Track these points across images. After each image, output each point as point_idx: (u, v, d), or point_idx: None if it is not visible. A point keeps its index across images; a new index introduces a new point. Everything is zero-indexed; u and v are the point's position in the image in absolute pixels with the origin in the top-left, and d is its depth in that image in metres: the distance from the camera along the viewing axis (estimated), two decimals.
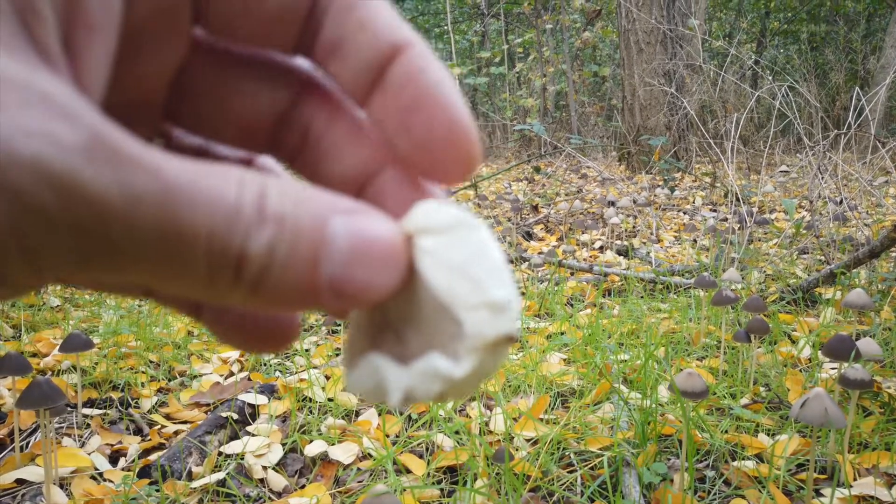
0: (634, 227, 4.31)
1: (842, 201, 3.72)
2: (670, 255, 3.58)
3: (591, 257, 3.60)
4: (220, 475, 1.36)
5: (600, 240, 3.93)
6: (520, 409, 1.61)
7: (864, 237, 3.16)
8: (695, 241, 3.84)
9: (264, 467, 1.42)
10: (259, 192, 0.19)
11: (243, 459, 1.44)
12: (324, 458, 1.46)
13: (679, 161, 5.62)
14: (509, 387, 1.78)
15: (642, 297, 2.72)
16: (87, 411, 1.67)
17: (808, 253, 3.34)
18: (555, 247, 3.81)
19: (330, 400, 1.71)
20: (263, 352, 0.26)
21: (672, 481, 1.32)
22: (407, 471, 1.40)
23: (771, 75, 7.48)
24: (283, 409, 1.69)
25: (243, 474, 1.40)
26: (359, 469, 1.41)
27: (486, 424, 1.54)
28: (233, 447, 1.48)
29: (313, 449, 1.46)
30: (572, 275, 3.11)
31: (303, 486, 1.37)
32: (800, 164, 4.93)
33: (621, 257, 3.53)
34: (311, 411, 1.67)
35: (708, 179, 5.49)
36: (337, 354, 2.06)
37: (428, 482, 1.34)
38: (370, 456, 1.46)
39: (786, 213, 4.08)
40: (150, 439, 1.57)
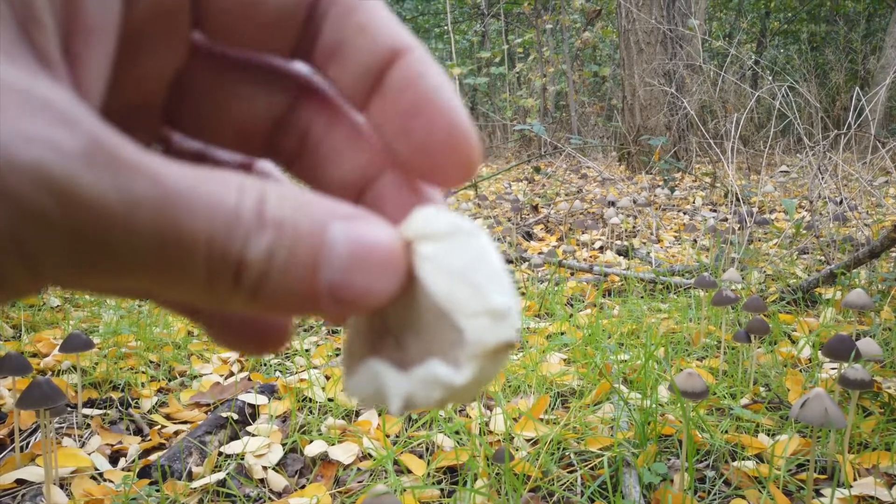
0: (634, 227, 4.31)
1: (842, 201, 3.72)
2: (670, 256, 3.58)
3: (591, 257, 3.60)
4: (221, 475, 1.36)
5: (600, 240, 3.93)
6: (520, 409, 1.61)
7: (864, 237, 3.16)
8: (695, 241, 3.84)
9: (264, 467, 1.42)
10: (258, 198, 0.19)
11: (243, 459, 1.44)
12: (324, 459, 1.46)
13: (679, 161, 5.62)
14: (509, 387, 1.78)
15: (642, 297, 2.72)
16: (88, 411, 1.67)
17: (808, 253, 3.34)
18: (555, 247, 3.81)
19: (330, 400, 1.71)
20: (256, 353, 0.26)
21: (672, 481, 1.32)
22: (407, 471, 1.40)
23: (771, 75, 7.48)
24: (283, 409, 1.69)
25: (243, 474, 1.40)
26: (359, 469, 1.41)
27: (487, 424, 1.54)
28: (233, 447, 1.48)
29: (313, 449, 1.47)
30: (572, 275, 3.11)
31: (303, 487, 1.37)
32: (800, 165, 4.93)
33: (621, 257, 3.53)
34: (311, 411, 1.67)
35: (708, 179, 5.49)
36: (337, 355, 2.06)
37: (428, 482, 1.35)
38: (370, 456, 1.46)
39: (786, 213, 4.08)
40: (150, 439, 1.57)
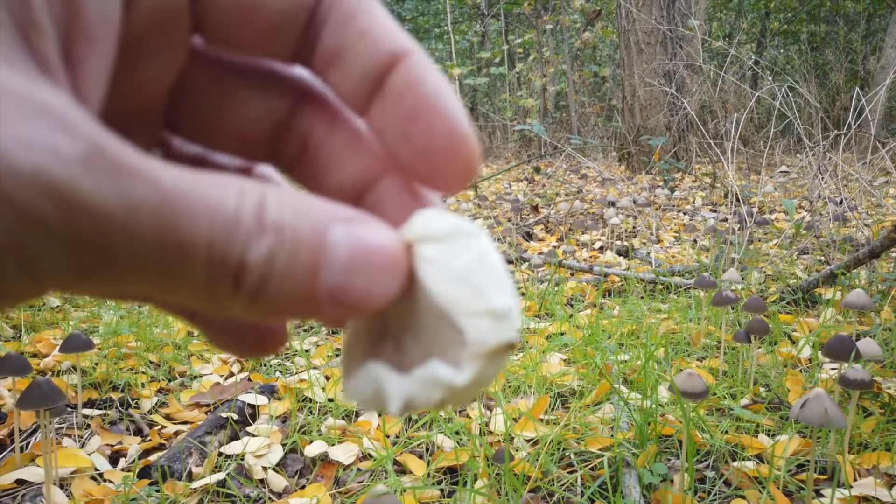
0: (634, 227, 4.31)
1: (842, 202, 3.72)
2: (670, 256, 3.58)
3: (591, 258, 3.60)
4: (221, 476, 1.36)
5: (600, 240, 3.93)
6: (520, 409, 1.61)
7: (864, 237, 3.16)
8: (695, 241, 3.84)
9: (264, 468, 1.42)
10: (258, 202, 0.19)
11: (243, 460, 1.44)
12: (324, 459, 1.46)
13: (679, 161, 5.62)
14: (509, 387, 1.78)
15: (642, 297, 2.72)
16: (88, 412, 1.67)
17: (808, 253, 3.34)
18: (555, 247, 3.81)
19: (330, 400, 1.71)
20: (254, 356, 0.26)
21: (672, 482, 1.32)
22: (407, 471, 1.40)
23: (771, 76, 7.48)
24: (283, 409, 1.69)
25: (243, 475, 1.40)
26: (359, 469, 1.41)
27: (487, 425, 1.54)
28: (233, 448, 1.48)
29: (313, 449, 1.47)
30: (572, 275, 3.11)
31: (303, 487, 1.37)
32: (800, 165, 4.93)
33: (621, 258, 3.53)
34: (311, 412, 1.67)
35: (708, 180, 5.49)
36: (337, 355, 2.06)
37: (428, 482, 1.35)
38: (370, 456, 1.46)
39: (786, 213, 4.08)
40: (150, 440, 1.57)
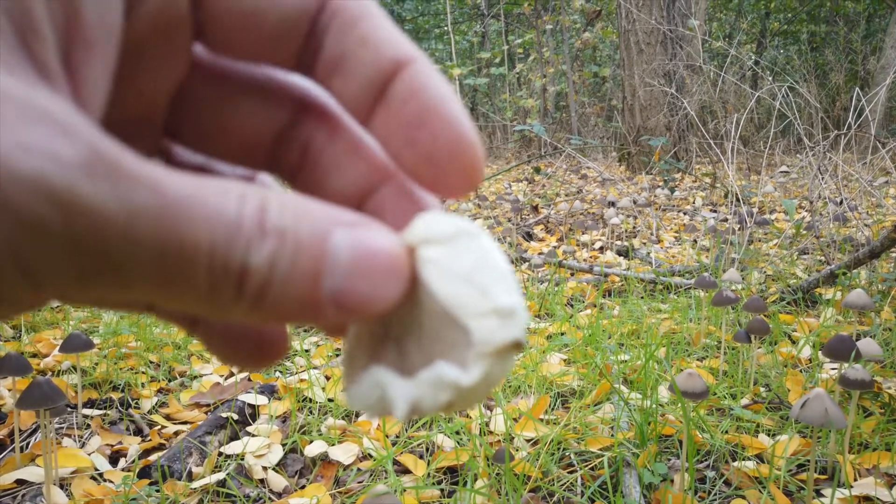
0: (634, 227, 4.31)
1: (842, 202, 3.71)
2: (670, 256, 3.58)
3: (591, 258, 3.60)
4: (221, 475, 1.36)
5: (600, 240, 3.93)
6: (520, 409, 1.61)
7: (864, 237, 3.16)
8: (695, 241, 3.84)
9: (264, 468, 1.42)
10: (259, 206, 0.18)
11: (243, 460, 1.44)
12: (324, 459, 1.46)
13: (679, 161, 5.62)
14: (509, 387, 1.78)
15: (642, 297, 2.71)
16: (88, 412, 1.67)
17: (808, 253, 3.34)
18: (555, 247, 3.81)
19: (330, 400, 1.71)
20: (254, 367, 0.26)
21: (672, 482, 1.32)
22: (407, 471, 1.40)
23: (771, 76, 7.48)
24: (283, 409, 1.69)
25: (243, 475, 1.40)
26: (359, 469, 1.41)
27: (487, 425, 1.54)
28: (233, 447, 1.48)
29: (313, 449, 1.46)
30: (572, 275, 3.11)
31: (303, 487, 1.37)
32: (800, 165, 4.93)
33: (621, 258, 3.53)
34: (311, 412, 1.67)
35: (708, 180, 5.49)
36: (337, 355, 2.06)
37: (428, 482, 1.34)
38: (370, 456, 1.46)
39: (786, 213, 4.08)
40: (150, 440, 1.57)
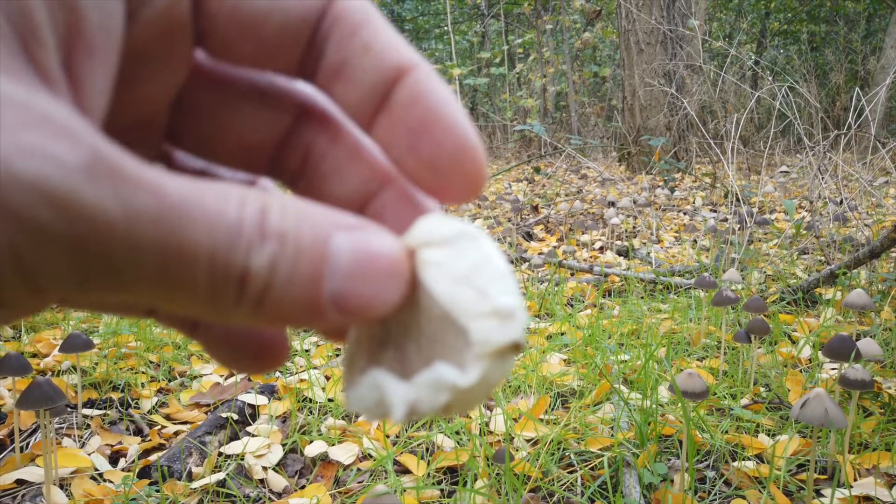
0: (634, 227, 4.31)
1: (842, 202, 3.71)
2: (670, 256, 3.58)
3: (591, 258, 3.60)
4: (220, 476, 1.36)
5: (600, 240, 3.93)
6: (520, 409, 1.61)
7: (864, 237, 3.16)
8: (695, 241, 3.84)
9: (264, 468, 1.42)
10: (260, 209, 0.18)
11: (243, 460, 1.44)
12: (324, 459, 1.46)
13: (679, 161, 5.62)
14: (509, 387, 1.78)
15: (642, 297, 2.71)
16: (87, 412, 1.67)
17: (808, 253, 3.34)
18: (555, 247, 3.81)
19: (330, 400, 1.71)
20: (255, 371, 0.26)
21: (672, 482, 1.32)
22: (407, 471, 1.40)
23: (771, 76, 7.48)
24: (283, 409, 1.69)
25: (243, 475, 1.40)
26: (359, 469, 1.41)
27: (487, 425, 1.54)
28: (233, 448, 1.48)
29: (313, 449, 1.46)
30: (572, 275, 3.11)
31: (303, 487, 1.37)
32: (800, 165, 4.93)
33: (621, 258, 3.53)
34: (311, 412, 1.67)
35: (708, 180, 5.49)
36: (337, 355, 2.06)
37: (428, 482, 1.34)
38: (370, 456, 1.46)
39: (786, 213, 4.08)
40: (150, 440, 1.57)
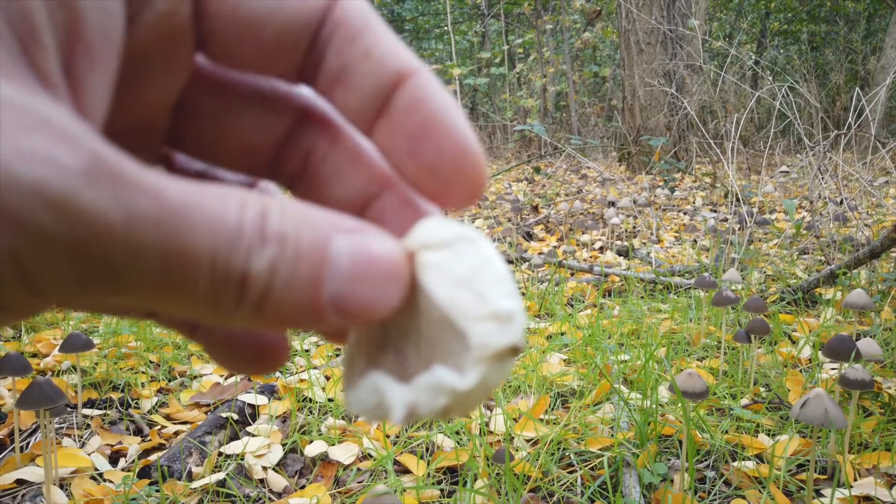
0: (635, 227, 4.31)
1: (842, 202, 3.71)
2: (670, 256, 3.58)
3: (591, 258, 3.60)
4: (220, 475, 1.36)
5: (600, 240, 3.93)
6: (520, 409, 1.61)
7: (864, 237, 3.16)
8: (695, 241, 3.84)
9: (264, 468, 1.42)
10: (260, 212, 0.19)
11: (243, 460, 1.44)
12: (324, 459, 1.46)
13: (679, 161, 5.62)
14: (509, 387, 1.78)
15: (642, 297, 2.71)
16: (87, 412, 1.67)
17: (808, 253, 3.34)
18: (555, 247, 3.81)
19: (330, 400, 1.71)
20: (255, 373, 0.26)
21: (672, 482, 1.32)
22: (407, 471, 1.40)
23: (771, 76, 7.48)
24: (283, 409, 1.69)
25: (243, 475, 1.40)
26: (359, 469, 1.41)
27: (487, 425, 1.54)
28: (233, 447, 1.48)
29: (313, 449, 1.46)
30: (572, 275, 3.11)
31: (303, 487, 1.37)
32: (800, 165, 4.93)
33: (621, 258, 3.53)
34: (311, 412, 1.67)
35: (708, 180, 5.49)
36: (337, 355, 2.06)
37: (428, 482, 1.34)
38: (370, 456, 1.46)
39: (786, 213, 4.08)
40: (150, 440, 1.57)
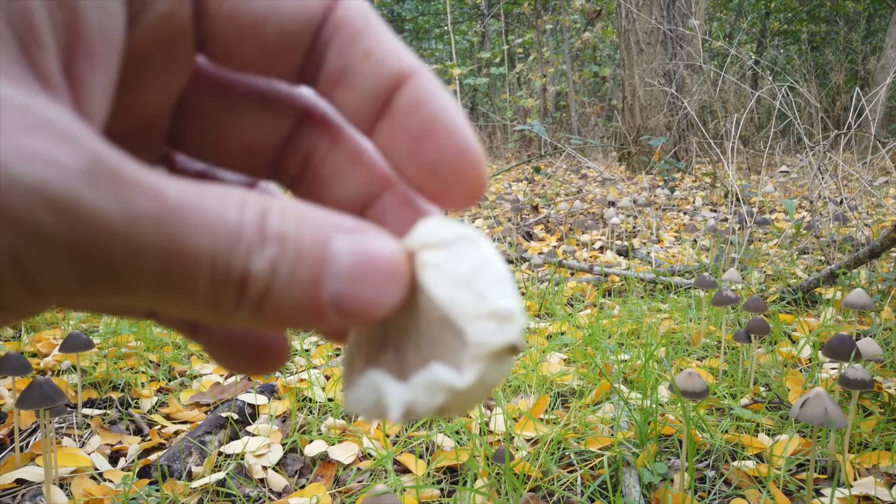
0: (635, 227, 4.31)
1: (842, 201, 3.71)
2: (670, 256, 3.58)
3: (591, 257, 3.60)
4: (220, 475, 1.36)
5: (600, 240, 3.93)
6: (520, 409, 1.61)
7: (864, 237, 3.16)
8: (695, 241, 3.84)
9: (264, 467, 1.42)
10: (260, 212, 0.19)
11: (243, 459, 1.44)
12: (324, 458, 1.46)
13: (679, 161, 5.62)
14: (509, 387, 1.78)
15: (642, 297, 2.71)
16: (87, 411, 1.67)
17: (808, 253, 3.34)
18: (555, 247, 3.81)
19: (330, 400, 1.71)
20: (255, 373, 0.26)
21: (672, 481, 1.32)
22: (407, 471, 1.40)
23: (771, 75, 7.48)
24: (283, 409, 1.69)
25: (243, 474, 1.40)
26: (359, 469, 1.41)
27: (487, 424, 1.54)
28: (233, 447, 1.48)
29: (313, 449, 1.47)
30: (572, 275, 3.11)
31: (303, 486, 1.37)
32: (800, 165, 4.93)
33: (621, 257, 3.53)
34: (311, 411, 1.67)
35: (708, 180, 5.49)
36: (337, 354, 2.06)
37: (428, 482, 1.34)
38: (370, 456, 1.46)
39: (786, 213, 4.08)
40: (150, 439, 1.57)
